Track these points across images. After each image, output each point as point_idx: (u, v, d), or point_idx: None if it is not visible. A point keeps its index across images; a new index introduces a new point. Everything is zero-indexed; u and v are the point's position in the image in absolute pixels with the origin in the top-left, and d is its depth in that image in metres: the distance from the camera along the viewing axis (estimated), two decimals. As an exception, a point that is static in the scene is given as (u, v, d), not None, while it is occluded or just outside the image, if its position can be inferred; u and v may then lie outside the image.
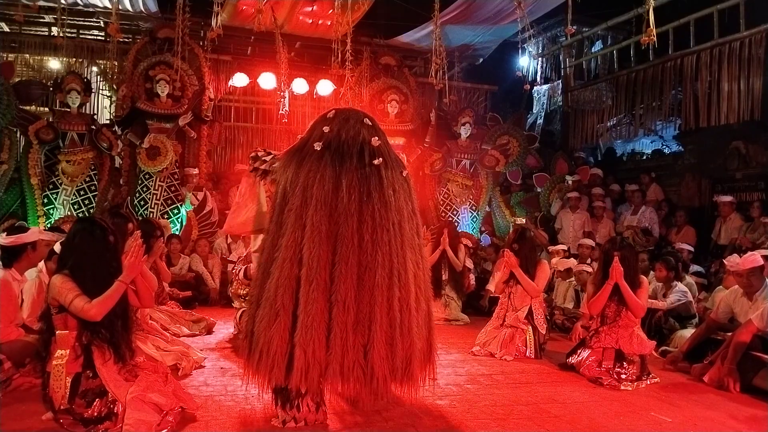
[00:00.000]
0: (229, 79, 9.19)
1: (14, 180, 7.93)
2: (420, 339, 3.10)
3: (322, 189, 2.97)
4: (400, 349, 2.96)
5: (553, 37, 12.15)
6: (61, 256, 3.22)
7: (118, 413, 2.91)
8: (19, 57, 8.98)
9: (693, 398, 4.01)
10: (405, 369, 2.99)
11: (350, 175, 3.01)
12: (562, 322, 6.29)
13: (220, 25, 6.12)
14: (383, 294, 2.94)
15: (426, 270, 3.29)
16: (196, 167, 8.73)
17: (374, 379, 2.90)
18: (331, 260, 2.94)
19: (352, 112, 3.35)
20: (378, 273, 2.94)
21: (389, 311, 2.95)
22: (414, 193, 3.29)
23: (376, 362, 2.90)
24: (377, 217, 2.98)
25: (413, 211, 3.23)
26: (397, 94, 9.20)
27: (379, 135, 3.21)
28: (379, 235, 2.97)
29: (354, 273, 2.93)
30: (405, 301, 3.01)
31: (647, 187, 9.06)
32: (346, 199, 2.96)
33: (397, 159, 3.26)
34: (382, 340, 2.92)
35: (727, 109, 7.78)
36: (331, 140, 3.11)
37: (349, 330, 2.90)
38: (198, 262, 7.51)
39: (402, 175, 3.21)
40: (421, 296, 3.17)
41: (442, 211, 9.28)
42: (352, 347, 2.90)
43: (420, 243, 3.26)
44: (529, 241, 5.45)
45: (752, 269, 4.38)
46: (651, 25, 4.93)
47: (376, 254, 2.95)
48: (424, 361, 3.17)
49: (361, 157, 3.07)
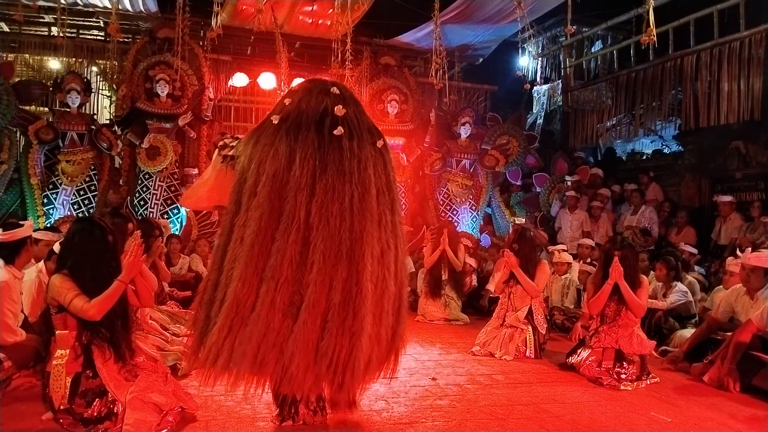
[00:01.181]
0: (228, 79, 9.19)
1: (14, 180, 7.93)
2: (381, 325, 2.85)
3: (275, 163, 2.79)
4: (335, 334, 2.69)
5: (553, 37, 12.14)
6: (61, 256, 3.22)
7: (118, 413, 2.92)
8: (19, 57, 8.97)
9: (693, 398, 4.01)
10: (341, 356, 2.70)
11: (305, 148, 2.80)
12: (562, 322, 6.28)
13: (219, 25, 6.13)
14: (325, 272, 2.70)
15: (402, 252, 3.03)
16: (196, 167, 8.73)
17: (292, 364, 2.65)
18: (272, 237, 2.74)
19: (318, 83, 3.13)
20: (321, 249, 2.71)
21: (329, 291, 2.71)
22: (391, 166, 3.04)
23: (298, 345, 2.65)
24: (329, 190, 2.76)
25: (387, 185, 2.97)
26: (397, 94, 9.21)
27: (347, 103, 2.97)
28: (329, 209, 2.74)
29: (296, 250, 2.72)
30: (356, 281, 2.74)
31: (646, 186, 9.06)
32: (298, 173, 2.77)
33: (370, 129, 3.03)
34: (314, 322, 2.67)
35: (727, 109, 7.78)
36: (290, 112, 2.93)
37: (277, 310, 2.67)
38: (198, 262, 7.50)
39: (374, 147, 2.96)
40: (390, 278, 2.88)
41: (442, 211, 9.29)
42: (275, 329, 2.68)
43: (395, 220, 2.99)
44: (529, 241, 5.45)
45: (755, 267, 4.39)
46: (651, 25, 4.94)
47: (322, 229, 2.72)
48: (383, 352, 2.90)
49: (320, 128, 2.85)
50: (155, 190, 8.21)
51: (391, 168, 3.05)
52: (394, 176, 3.07)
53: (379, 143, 3.01)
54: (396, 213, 3.01)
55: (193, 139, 8.76)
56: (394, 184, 3.04)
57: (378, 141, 3.01)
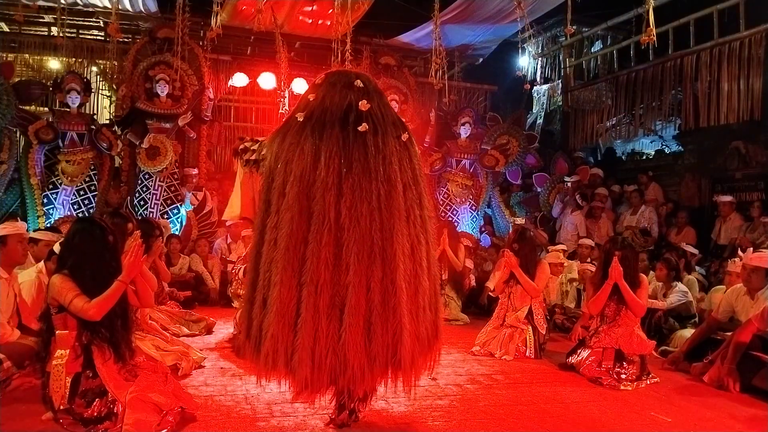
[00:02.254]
0: (228, 79, 9.20)
1: (14, 180, 7.93)
2: (419, 322, 2.83)
3: (302, 163, 2.77)
4: (380, 334, 2.71)
5: (553, 36, 12.15)
6: (61, 256, 3.22)
7: (118, 413, 2.91)
8: (18, 57, 8.97)
9: (693, 398, 4.01)
10: (389, 356, 2.73)
11: (330, 146, 2.77)
12: (562, 321, 6.28)
13: (219, 25, 6.12)
14: (361, 273, 2.70)
15: (432, 244, 3.00)
16: (196, 167, 8.73)
17: (348, 367, 2.68)
18: (305, 239, 2.73)
19: (341, 76, 3.07)
20: (354, 251, 2.70)
21: (367, 293, 2.71)
22: (417, 160, 3.00)
23: (349, 349, 2.67)
24: (357, 190, 2.73)
25: (414, 179, 2.93)
26: (397, 94, 9.20)
27: (371, 97, 2.94)
28: (358, 209, 2.71)
29: (329, 252, 2.71)
30: (391, 280, 2.74)
31: (646, 186, 9.06)
32: (324, 173, 2.74)
33: (395, 122, 2.98)
34: (358, 324, 2.69)
35: (727, 109, 7.79)
36: (314, 109, 2.90)
37: (321, 314, 2.68)
38: (198, 262, 7.51)
39: (399, 140, 2.92)
40: (423, 274, 2.87)
41: (442, 211, 9.28)
42: (324, 333, 2.69)
43: (423, 215, 2.94)
44: (529, 241, 5.44)
45: (756, 267, 4.40)
46: (651, 24, 4.93)
47: (353, 230, 2.70)
48: (424, 348, 2.89)
49: (345, 125, 2.83)
50: (155, 190, 8.21)
51: (417, 161, 3.01)
52: (421, 169, 3.04)
53: (404, 136, 2.97)
54: (424, 207, 2.97)
55: (193, 139, 8.77)
56: (420, 177, 3.00)
57: (403, 134, 2.97)
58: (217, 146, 9.69)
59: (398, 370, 2.78)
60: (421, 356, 2.89)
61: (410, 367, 2.79)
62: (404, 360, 2.74)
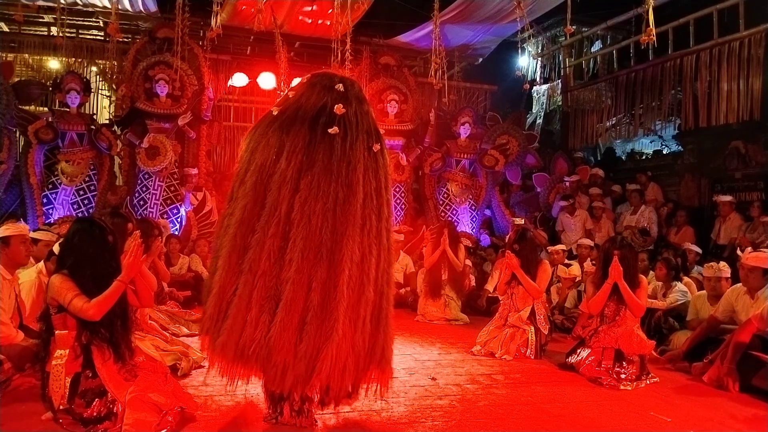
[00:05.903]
0: (228, 79, 9.21)
1: (14, 180, 7.93)
2: (356, 332, 2.76)
3: (265, 154, 2.83)
4: (313, 335, 2.67)
5: (553, 36, 12.16)
6: (60, 256, 3.22)
7: (118, 413, 2.91)
8: (18, 57, 8.99)
9: (693, 398, 4.01)
10: (312, 359, 2.67)
11: (295, 142, 2.81)
12: (562, 321, 6.29)
13: (219, 25, 6.13)
14: (303, 271, 2.69)
15: (386, 260, 2.94)
16: (196, 167, 8.73)
17: (271, 362, 2.65)
18: (253, 228, 2.75)
19: (323, 77, 3.08)
20: (300, 247, 2.69)
21: (308, 292, 2.69)
22: (385, 172, 2.98)
23: (275, 343, 2.64)
24: (314, 188, 2.74)
25: (377, 190, 2.90)
26: (397, 94, 9.21)
27: (350, 102, 2.93)
28: (311, 207, 2.72)
29: (275, 244, 2.71)
30: (334, 284, 2.71)
31: (645, 186, 9.06)
32: (284, 166, 2.77)
33: (369, 131, 2.96)
34: (291, 321, 2.66)
35: (727, 109, 7.80)
36: (290, 106, 2.95)
37: (253, 304, 2.68)
38: (197, 262, 7.50)
39: (369, 150, 2.91)
40: (369, 285, 2.82)
41: (442, 211, 9.29)
42: (253, 323, 2.68)
43: (381, 227, 2.90)
44: (529, 242, 5.44)
45: (753, 267, 4.39)
46: (651, 24, 4.93)
47: (303, 227, 2.70)
48: (360, 359, 2.81)
49: (314, 125, 2.84)
50: (155, 190, 8.21)
51: (385, 174, 2.99)
52: (387, 182, 3.02)
53: (376, 147, 2.96)
54: (383, 219, 2.94)
55: (192, 139, 8.78)
56: (385, 190, 2.98)
57: (375, 145, 2.96)
58: (217, 146, 9.70)
59: (321, 375, 2.70)
60: (356, 368, 2.81)
61: (339, 374, 2.72)
62: (332, 365, 2.68)
